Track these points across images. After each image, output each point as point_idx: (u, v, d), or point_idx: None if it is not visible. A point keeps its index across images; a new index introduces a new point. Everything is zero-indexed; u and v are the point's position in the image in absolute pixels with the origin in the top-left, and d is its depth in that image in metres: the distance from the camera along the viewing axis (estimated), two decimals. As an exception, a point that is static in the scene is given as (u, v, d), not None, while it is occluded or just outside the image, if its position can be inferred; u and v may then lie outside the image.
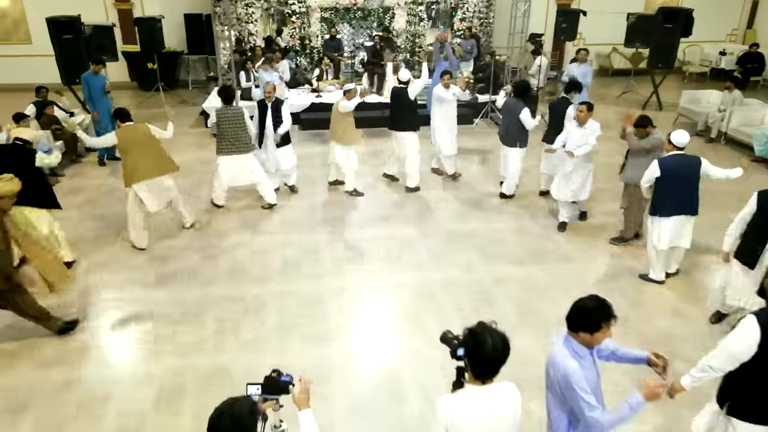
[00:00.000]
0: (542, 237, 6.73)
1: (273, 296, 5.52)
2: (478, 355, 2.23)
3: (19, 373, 4.49)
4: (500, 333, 2.28)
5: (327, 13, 12.76)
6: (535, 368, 3.45)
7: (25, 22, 13.15)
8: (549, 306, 5.31)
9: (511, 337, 2.30)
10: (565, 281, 5.79)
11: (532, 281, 5.80)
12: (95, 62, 8.51)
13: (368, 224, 7.02)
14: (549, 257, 6.28)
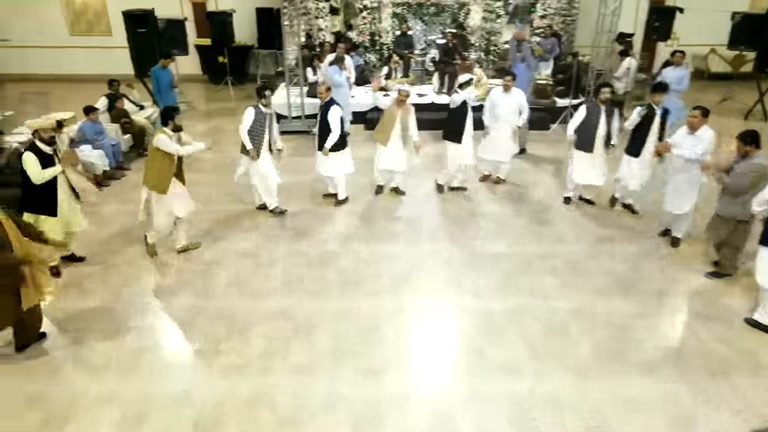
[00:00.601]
0: (626, 260, 6.01)
1: (327, 315, 5.14)
2: None
3: (62, 383, 4.32)
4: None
5: (399, 8, 12.29)
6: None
7: (106, 15, 13.51)
8: (635, 350, 4.63)
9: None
10: (657, 321, 5.06)
11: (617, 317, 5.11)
12: (164, 56, 8.44)
13: (428, 238, 6.51)
14: (637, 288, 5.54)
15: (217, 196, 7.49)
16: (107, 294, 5.40)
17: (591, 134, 6.77)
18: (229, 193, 7.49)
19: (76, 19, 13.66)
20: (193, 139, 6.06)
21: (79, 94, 11.98)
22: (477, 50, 12.27)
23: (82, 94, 11.51)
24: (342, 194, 7.24)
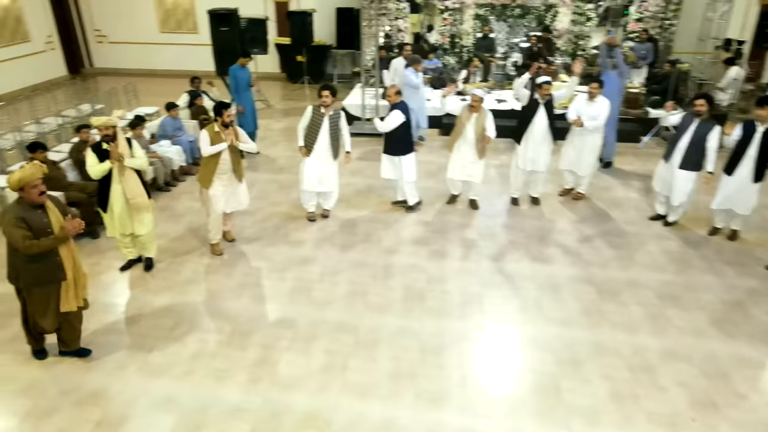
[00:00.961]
0: (728, 295, 5.34)
1: (390, 332, 4.87)
2: None
3: (122, 382, 4.31)
4: None
5: (482, 9, 11.83)
6: None
7: (194, 13, 13.95)
8: (738, 405, 4.03)
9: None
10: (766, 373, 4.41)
11: (717, 363, 4.50)
12: (243, 55, 8.48)
13: (501, 255, 6.09)
14: (741, 330, 4.89)
15: (285, 196, 7.42)
16: (172, 294, 5.40)
17: (673, 144, 6.26)
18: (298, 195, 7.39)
19: (166, 17, 14.21)
20: (247, 138, 5.93)
21: (164, 89, 12.41)
22: (563, 54, 11.60)
23: (168, 89, 11.91)
24: (412, 200, 6.95)
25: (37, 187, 3.77)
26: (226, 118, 5.53)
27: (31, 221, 3.80)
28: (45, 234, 3.85)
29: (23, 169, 3.78)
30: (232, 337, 4.79)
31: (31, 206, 3.82)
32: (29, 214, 3.80)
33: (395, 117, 6.42)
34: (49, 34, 13.54)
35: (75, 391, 4.19)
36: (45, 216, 3.87)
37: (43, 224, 3.86)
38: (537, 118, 6.71)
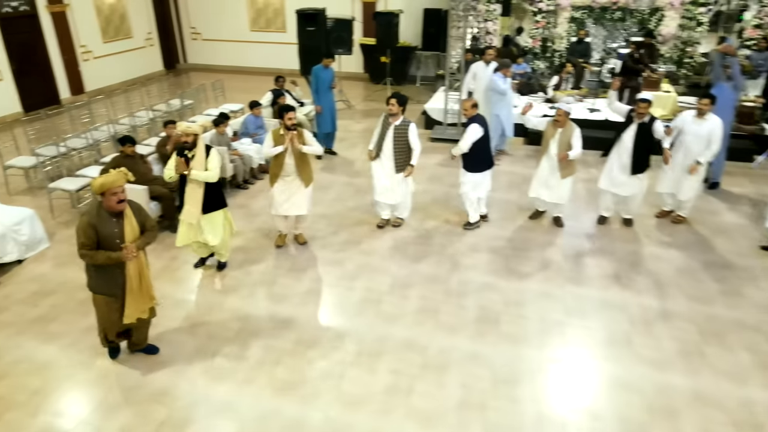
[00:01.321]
0: None
1: (460, 356, 4.55)
2: None
3: (188, 384, 4.28)
4: None
5: (579, 12, 11.14)
6: None
7: (283, 13, 14.19)
8: None
9: None
10: None
11: None
12: (327, 56, 8.42)
13: (594, 279, 5.58)
14: None
15: (360, 200, 7.26)
16: (241, 295, 5.36)
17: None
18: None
19: (257, 16, 14.56)
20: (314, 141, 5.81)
21: (251, 86, 12.73)
22: (667, 62, 10.69)
23: (254, 86, 12.19)
24: (474, 216, 6.53)
25: (117, 194, 3.71)
26: (287, 121, 5.46)
27: (102, 229, 3.75)
28: (113, 244, 3.79)
29: (108, 174, 3.72)
30: (296, 346, 4.66)
31: (108, 212, 3.78)
32: (102, 222, 3.75)
33: (473, 132, 5.98)
34: (149, 31, 14.26)
35: (142, 387, 4.20)
36: (118, 226, 3.81)
37: (113, 234, 3.79)
38: (625, 137, 6.12)
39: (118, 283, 3.95)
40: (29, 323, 4.88)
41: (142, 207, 4.10)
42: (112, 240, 3.80)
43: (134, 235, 3.89)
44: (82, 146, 7.71)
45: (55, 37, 11.40)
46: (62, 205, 6.96)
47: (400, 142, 5.99)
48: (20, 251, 5.77)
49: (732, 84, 7.21)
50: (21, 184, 7.61)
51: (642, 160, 6.12)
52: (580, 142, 6.08)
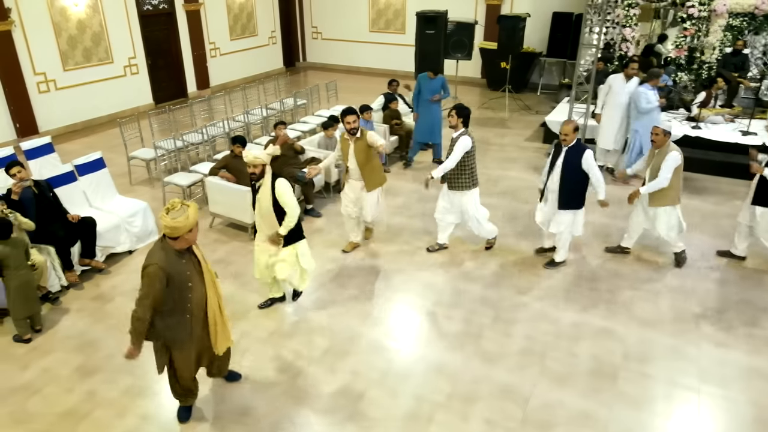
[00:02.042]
0: None
1: (568, 414, 3.91)
2: None
3: (273, 404, 4.06)
4: None
5: (737, 19, 9.71)
6: None
7: (404, 14, 13.96)
8: None
9: None
10: None
11: None
12: (432, 71, 8.04)
13: (741, 339, 4.65)
14: None
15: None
16: (332, 312, 5.09)
17: None
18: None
19: (377, 16, 14.46)
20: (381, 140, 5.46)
21: (364, 87, 12.65)
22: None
23: (367, 88, 12.08)
24: (561, 256, 5.70)
25: (182, 239, 3.21)
26: (347, 125, 5.34)
27: (173, 274, 3.23)
28: (184, 287, 3.30)
29: (178, 218, 3.13)
30: (384, 378, 4.29)
31: (175, 252, 3.25)
32: (173, 266, 3.23)
33: (590, 160, 5.16)
34: (273, 30, 14.68)
35: (225, 403, 4.05)
36: (189, 267, 3.32)
37: (184, 277, 3.29)
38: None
39: (186, 329, 3.42)
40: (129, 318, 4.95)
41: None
42: (184, 283, 3.31)
43: (209, 273, 3.46)
44: (198, 141, 7.92)
45: (188, 34, 12.03)
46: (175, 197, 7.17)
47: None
48: (131, 242, 5.96)
49: None
50: (143, 174, 7.98)
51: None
52: (668, 169, 5.17)
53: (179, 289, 3.28)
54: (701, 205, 7.07)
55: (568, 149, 5.19)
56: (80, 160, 6.07)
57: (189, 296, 3.32)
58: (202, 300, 3.42)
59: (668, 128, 5.29)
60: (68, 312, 5.05)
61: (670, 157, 5.19)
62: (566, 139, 5.15)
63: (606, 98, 7.73)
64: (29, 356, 4.53)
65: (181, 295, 3.30)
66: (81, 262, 5.44)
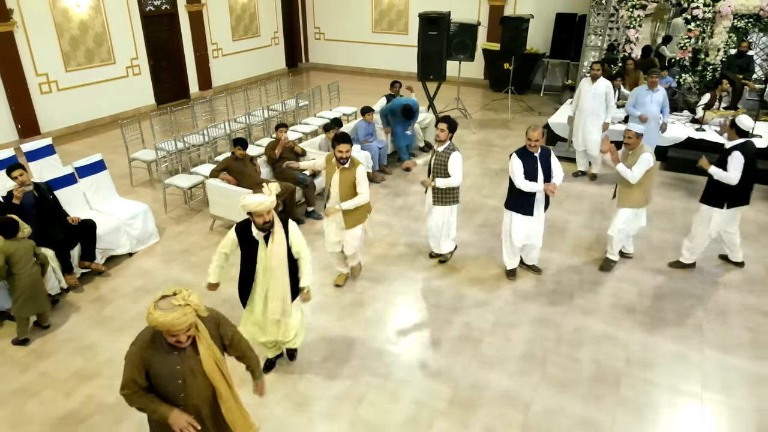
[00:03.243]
0: None
1: (569, 420, 3.88)
2: None
3: (269, 412, 4.04)
4: None
5: (743, 21, 9.64)
6: None
7: (407, 15, 13.92)
8: None
9: None
10: None
11: None
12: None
13: (743, 345, 4.60)
14: None
15: (467, 221, 6.70)
16: (332, 318, 5.07)
17: None
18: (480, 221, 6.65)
19: (380, 17, 14.43)
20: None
21: (367, 89, 12.61)
22: None
23: (369, 89, 12.04)
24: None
25: (176, 336, 2.56)
26: (337, 153, 4.79)
27: (157, 365, 2.64)
28: (173, 383, 2.67)
29: (168, 313, 2.47)
30: (384, 383, 4.26)
31: (166, 343, 2.63)
32: (157, 356, 2.64)
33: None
34: (276, 30, 14.65)
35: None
36: (180, 362, 2.65)
37: (172, 371, 2.66)
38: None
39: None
40: (129, 321, 4.94)
41: (219, 316, 2.89)
42: (171, 379, 2.68)
43: (217, 367, 2.75)
44: (199, 143, 7.90)
45: (190, 34, 12.01)
46: (176, 200, 7.16)
47: (440, 170, 5.25)
48: (131, 245, 5.94)
49: None
50: (143, 176, 7.97)
51: None
52: (640, 170, 5.13)
53: (165, 383, 2.67)
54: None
55: (540, 154, 5.12)
56: (81, 162, 6.05)
57: (181, 395, 2.71)
58: (203, 397, 2.78)
59: (641, 131, 5.24)
60: (68, 315, 5.03)
61: (643, 158, 5.15)
62: (536, 144, 5.05)
63: (577, 102, 7.69)
64: (28, 359, 4.52)
65: (171, 392, 2.70)
66: (81, 264, 5.43)
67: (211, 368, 2.73)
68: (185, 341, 2.60)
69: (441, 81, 10.00)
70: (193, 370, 2.70)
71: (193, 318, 2.57)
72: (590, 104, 7.40)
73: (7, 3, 8.56)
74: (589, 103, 7.41)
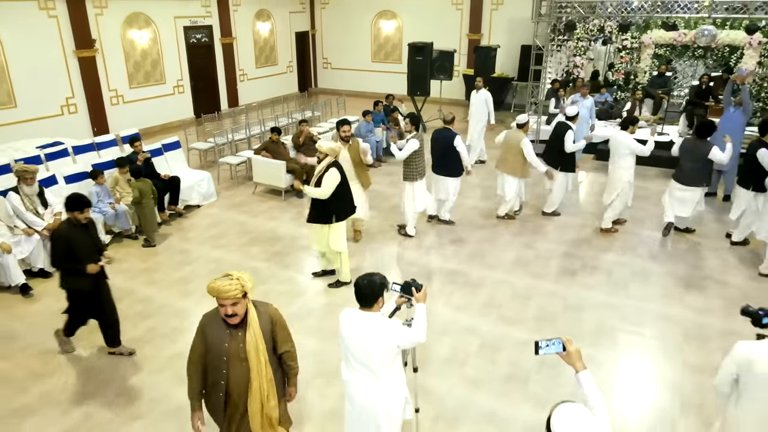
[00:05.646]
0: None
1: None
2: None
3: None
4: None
5: (662, 49, 12.30)
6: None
7: (400, 47, 16.66)
8: None
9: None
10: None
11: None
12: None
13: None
14: None
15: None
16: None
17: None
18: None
19: (378, 49, 17.19)
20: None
21: (366, 105, 15.16)
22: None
23: (368, 106, 14.57)
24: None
25: (225, 306, 2.85)
26: (342, 133, 6.47)
27: (211, 336, 2.96)
28: (218, 359, 2.95)
29: (223, 280, 2.82)
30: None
31: (224, 320, 2.93)
32: (213, 328, 2.97)
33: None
34: (290, 60, 17.41)
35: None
36: (228, 339, 2.94)
37: (220, 347, 2.94)
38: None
39: (221, 407, 3.09)
40: (203, 241, 7.28)
41: (278, 318, 3.14)
42: (219, 352, 2.95)
43: (256, 354, 2.95)
44: (241, 138, 10.39)
45: (223, 62, 14.69)
46: (224, 176, 9.59)
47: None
48: (200, 199, 8.35)
49: (741, 109, 8.20)
50: (196, 161, 10.43)
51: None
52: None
53: (214, 357, 2.97)
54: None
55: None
56: (165, 140, 8.55)
57: (223, 372, 2.95)
58: (241, 383, 2.99)
59: (525, 120, 7.41)
60: (165, 237, 7.34)
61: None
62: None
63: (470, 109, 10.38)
64: (27, 381, 4.63)
65: (216, 367, 2.97)
66: (168, 207, 7.81)
67: (252, 354, 2.92)
68: (231, 315, 2.86)
69: (426, 96, 12.59)
70: (237, 352, 2.92)
71: (238, 290, 2.80)
72: (473, 109, 9.98)
73: (92, 34, 11.19)
74: (472, 108, 9.98)
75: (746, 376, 2.85)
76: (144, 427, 4.15)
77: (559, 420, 2.11)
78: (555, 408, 2.16)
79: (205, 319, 3.04)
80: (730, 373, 2.93)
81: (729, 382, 2.96)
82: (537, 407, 4.31)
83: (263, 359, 2.98)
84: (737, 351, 2.89)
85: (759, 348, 2.82)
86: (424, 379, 4.50)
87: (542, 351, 2.45)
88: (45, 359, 4.89)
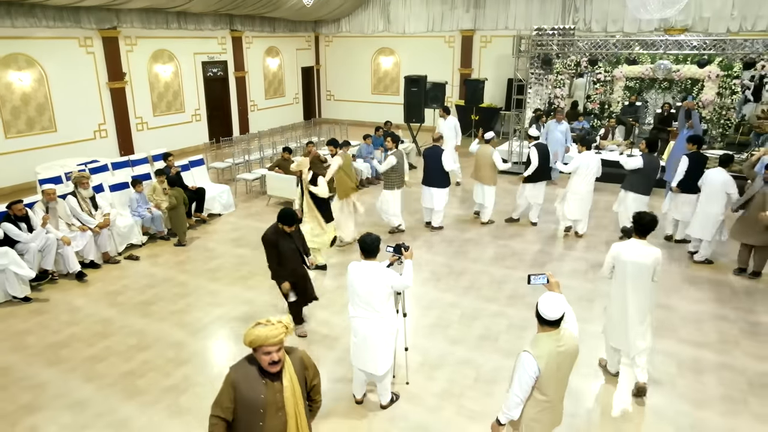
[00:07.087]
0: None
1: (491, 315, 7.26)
2: (641, 224, 4.58)
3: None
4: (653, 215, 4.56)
5: (632, 82, 13.70)
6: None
7: (398, 81, 18.14)
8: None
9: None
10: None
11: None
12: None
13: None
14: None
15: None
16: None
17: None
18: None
19: (378, 82, 18.67)
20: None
21: (366, 131, 16.55)
22: (708, 123, 12.78)
23: (368, 132, 15.93)
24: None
25: (270, 354, 2.78)
26: (331, 151, 8.20)
27: (244, 389, 2.83)
28: (254, 412, 2.83)
29: (265, 327, 2.78)
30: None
31: (259, 371, 2.85)
32: (247, 381, 2.85)
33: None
34: (296, 92, 18.87)
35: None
36: (264, 390, 2.83)
37: (256, 399, 2.83)
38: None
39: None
40: (225, 242, 8.43)
41: (309, 360, 3.10)
42: (255, 409, 2.84)
43: (294, 402, 2.90)
44: (255, 158, 11.66)
45: (236, 93, 16.11)
46: (240, 191, 10.80)
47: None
48: (221, 208, 9.55)
49: (693, 131, 9.47)
50: (214, 179, 11.65)
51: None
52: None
53: (248, 409, 2.84)
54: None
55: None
56: (192, 158, 9.79)
57: (260, 424, 2.84)
58: (277, 431, 2.90)
59: (491, 137, 8.94)
60: (193, 239, 8.48)
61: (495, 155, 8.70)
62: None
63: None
64: (17, 414, 4.64)
65: (250, 421, 2.85)
66: (194, 215, 8.98)
67: (290, 401, 2.86)
68: (278, 361, 2.78)
69: (421, 123, 13.91)
70: (275, 402, 2.83)
71: (283, 332, 2.77)
72: (444, 133, 11.28)
73: (123, 67, 12.58)
74: (443, 131, 11.28)
75: (616, 263, 4.70)
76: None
77: (543, 299, 3.23)
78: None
79: (235, 374, 2.86)
80: (609, 263, 4.77)
81: (609, 269, 4.79)
82: (504, 357, 5.39)
83: (301, 406, 2.93)
84: (612, 248, 4.73)
85: (623, 245, 4.69)
86: (414, 340, 5.52)
87: (533, 281, 3.55)
88: (104, 324, 6.07)
